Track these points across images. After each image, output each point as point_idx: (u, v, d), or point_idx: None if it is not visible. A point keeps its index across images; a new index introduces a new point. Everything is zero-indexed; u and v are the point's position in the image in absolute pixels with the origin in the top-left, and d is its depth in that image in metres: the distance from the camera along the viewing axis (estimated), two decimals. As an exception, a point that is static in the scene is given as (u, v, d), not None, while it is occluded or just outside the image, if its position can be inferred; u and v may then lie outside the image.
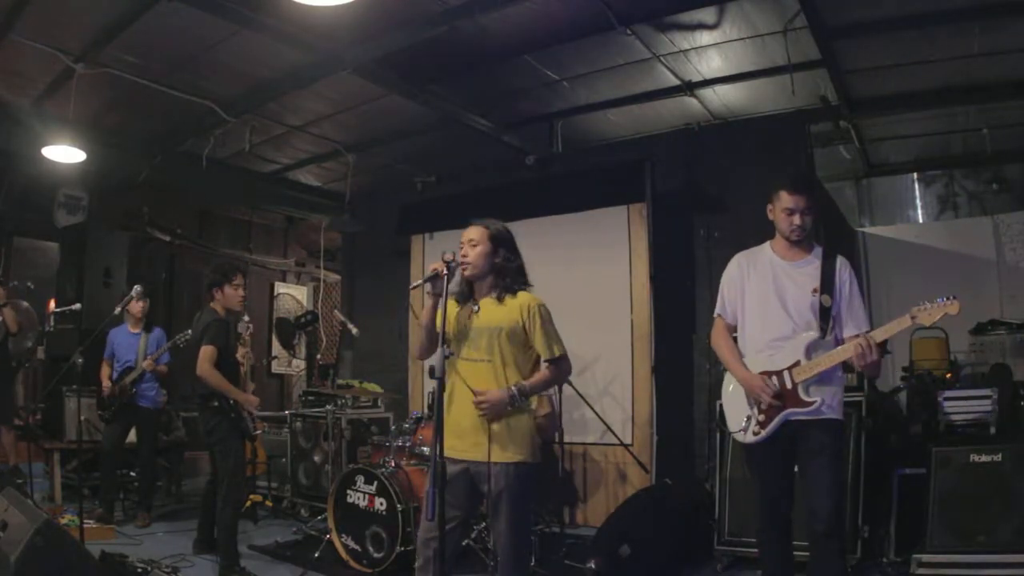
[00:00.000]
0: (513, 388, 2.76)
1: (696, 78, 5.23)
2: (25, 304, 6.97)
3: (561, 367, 2.89)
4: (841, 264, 3.01)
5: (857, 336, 2.88)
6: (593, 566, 3.84)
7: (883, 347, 2.91)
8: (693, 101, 5.56)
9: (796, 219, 2.98)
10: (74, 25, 4.46)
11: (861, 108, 5.43)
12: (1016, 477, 3.74)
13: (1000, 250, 6.09)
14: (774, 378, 2.95)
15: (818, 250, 3.07)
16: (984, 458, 3.83)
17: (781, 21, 4.39)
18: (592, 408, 5.26)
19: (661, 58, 4.90)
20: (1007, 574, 3.61)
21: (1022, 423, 4.25)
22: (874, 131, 6.08)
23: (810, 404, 2.88)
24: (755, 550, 4.12)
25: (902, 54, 4.70)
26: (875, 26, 4.32)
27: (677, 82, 5.26)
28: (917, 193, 7.04)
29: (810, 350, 2.92)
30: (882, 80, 5.06)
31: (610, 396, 5.82)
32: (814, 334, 2.93)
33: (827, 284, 2.97)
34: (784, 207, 3.01)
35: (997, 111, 5.53)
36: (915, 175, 7.02)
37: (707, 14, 4.39)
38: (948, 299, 2.73)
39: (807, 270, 3.02)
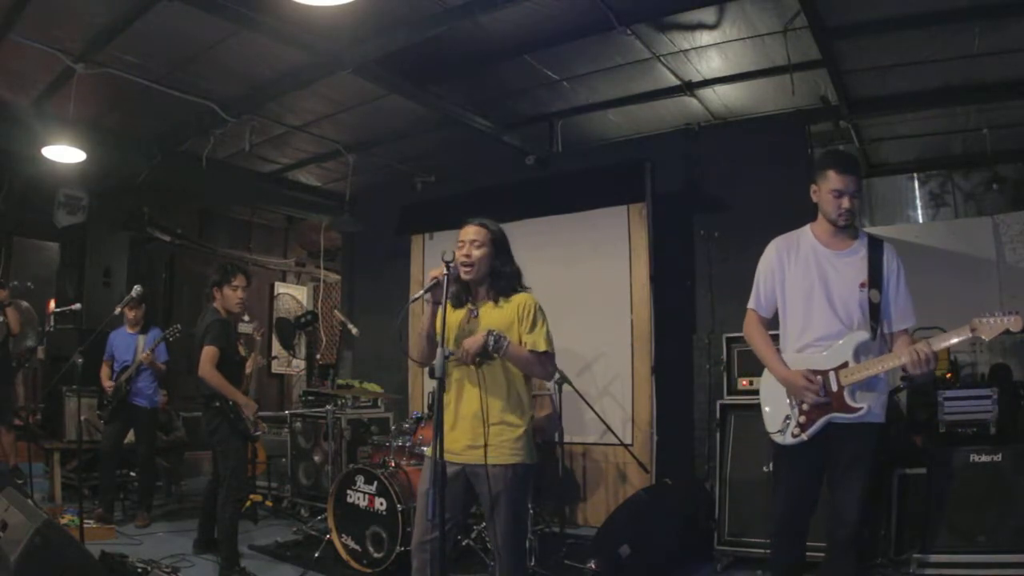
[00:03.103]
0: (493, 333, 2.67)
1: (696, 78, 5.23)
2: (26, 304, 6.98)
3: (543, 361, 2.80)
4: (888, 253, 2.81)
5: (905, 334, 2.73)
6: (593, 566, 3.83)
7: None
8: (693, 101, 5.56)
9: (844, 202, 2.76)
10: (74, 25, 4.46)
11: (861, 108, 5.42)
12: (1016, 477, 3.74)
13: (1000, 250, 6.07)
14: (819, 378, 2.76)
15: (864, 237, 2.85)
16: (984, 458, 3.84)
17: (781, 21, 4.39)
18: (592, 408, 5.26)
19: (661, 58, 4.90)
20: (1007, 574, 3.61)
21: (1022, 423, 4.25)
22: (874, 131, 6.07)
23: (856, 410, 2.71)
24: (755, 550, 4.14)
25: (902, 54, 4.69)
26: (875, 26, 4.32)
27: (677, 82, 5.26)
28: (917, 193, 7.03)
29: (859, 352, 2.74)
30: (882, 80, 5.06)
31: (610, 396, 5.82)
32: (864, 335, 2.74)
33: (875, 277, 2.75)
34: (832, 188, 2.78)
35: (997, 111, 5.52)
36: (915, 175, 7.01)
37: (707, 14, 4.39)
38: (1011, 315, 2.52)
39: (853, 260, 2.81)
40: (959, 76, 4.95)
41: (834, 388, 2.75)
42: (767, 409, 2.96)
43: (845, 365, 2.74)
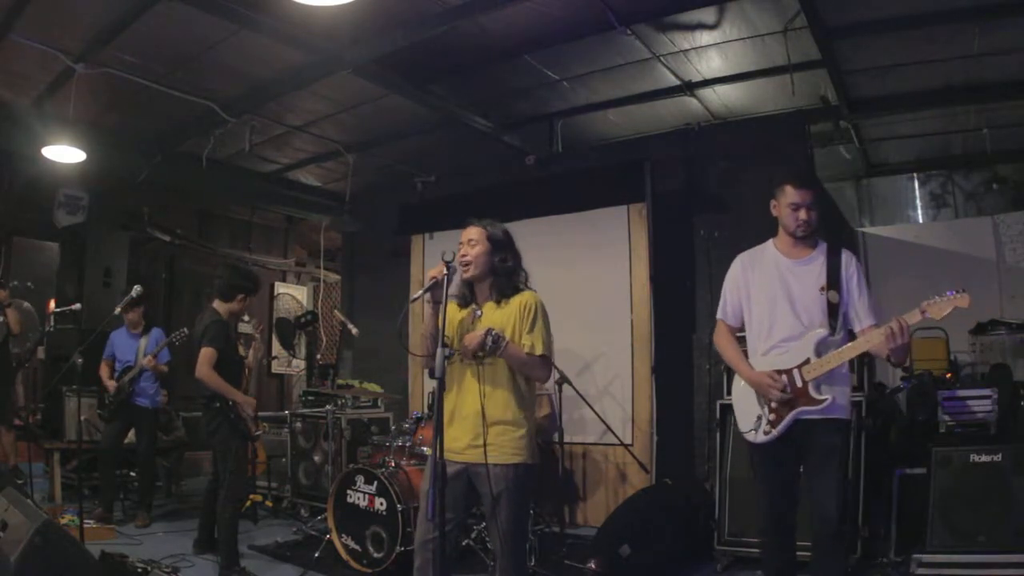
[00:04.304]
0: (492, 332, 2.68)
1: (696, 78, 5.23)
2: (26, 304, 6.98)
3: (540, 364, 2.81)
4: (847, 258, 2.96)
5: (875, 327, 2.81)
6: (593, 566, 3.84)
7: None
8: (693, 101, 5.56)
9: (802, 214, 2.93)
10: (74, 25, 4.46)
11: (861, 108, 5.43)
12: (1016, 477, 3.74)
13: (1000, 250, 6.09)
14: (783, 376, 2.90)
15: (822, 246, 3.02)
16: (984, 458, 3.84)
17: (781, 21, 4.40)
18: (592, 408, 5.26)
19: (661, 58, 4.90)
20: (1007, 574, 3.61)
21: (1022, 423, 4.25)
22: (874, 131, 6.08)
23: (821, 402, 2.83)
24: (755, 550, 4.14)
25: (902, 54, 4.70)
26: (875, 26, 4.33)
27: (677, 82, 5.27)
28: (917, 193, 7.04)
29: (820, 347, 2.87)
30: (882, 80, 5.06)
31: (610, 396, 5.82)
32: (823, 331, 2.87)
33: (833, 280, 2.91)
34: (789, 202, 2.95)
35: (997, 111, 5.53)
36: (915, 175, 7.03)
37: (707, 14, 4.39)
38: (958, 293, 2.65)
39: (812, 267, 2.97)
40: (959, 76, 4.95)
41: (799, 384, 2.89)
42: (739, 410, 3.11)
43: (807, 362, 2.88)
